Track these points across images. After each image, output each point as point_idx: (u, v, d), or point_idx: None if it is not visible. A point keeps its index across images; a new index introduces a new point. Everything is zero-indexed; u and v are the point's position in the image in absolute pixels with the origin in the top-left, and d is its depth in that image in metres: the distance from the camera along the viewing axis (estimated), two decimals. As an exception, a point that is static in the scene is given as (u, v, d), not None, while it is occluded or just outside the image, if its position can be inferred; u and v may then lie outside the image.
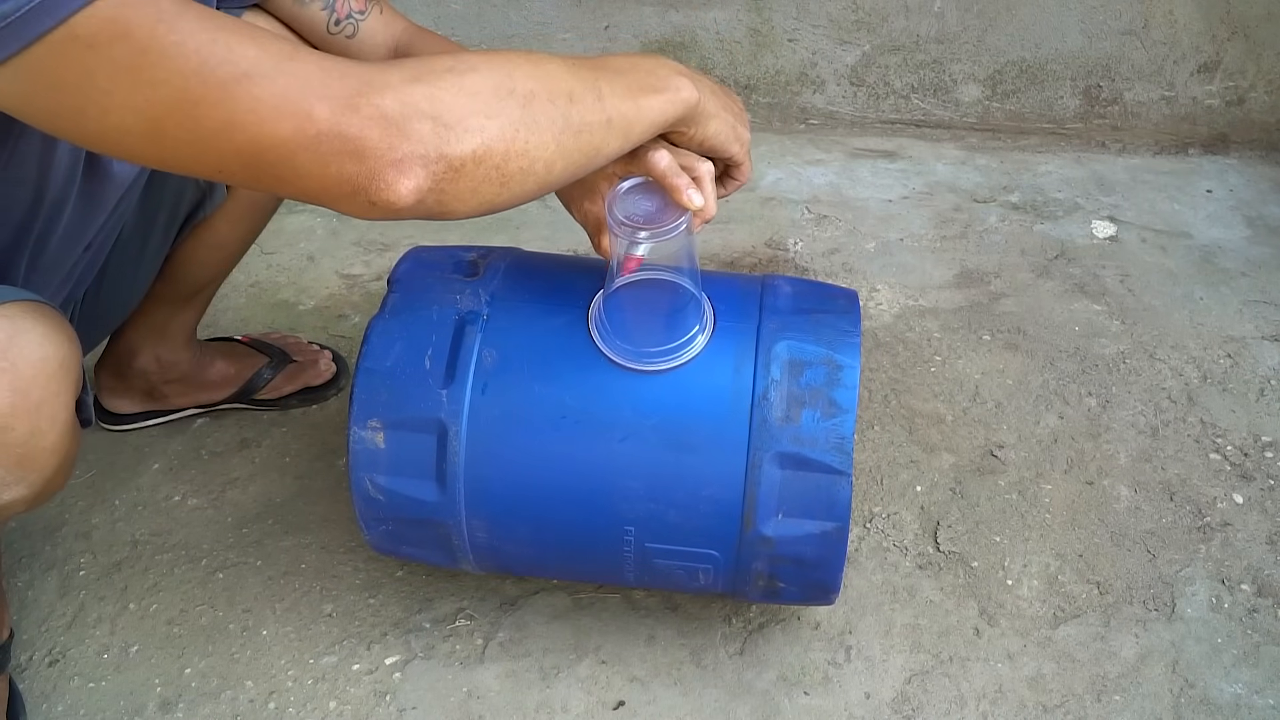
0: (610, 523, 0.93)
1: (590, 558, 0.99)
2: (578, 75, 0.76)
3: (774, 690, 1.06)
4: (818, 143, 2.02)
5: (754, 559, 0.93)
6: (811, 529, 0.90)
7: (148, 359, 1.30)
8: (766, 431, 0.89)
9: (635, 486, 0.91)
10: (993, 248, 1.72)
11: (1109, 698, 1.05)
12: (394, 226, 1.76)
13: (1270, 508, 1.25)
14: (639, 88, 0.80)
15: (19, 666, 1.08)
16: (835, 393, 0.90)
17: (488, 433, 0.91)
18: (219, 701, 1.05)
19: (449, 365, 0.91)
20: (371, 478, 0.93)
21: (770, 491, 0.89)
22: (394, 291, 0.97)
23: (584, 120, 0.75)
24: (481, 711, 1.04)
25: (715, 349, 0.92)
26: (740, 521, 0.90)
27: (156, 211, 1.11)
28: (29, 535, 1.22)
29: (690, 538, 0.93)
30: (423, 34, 1.07)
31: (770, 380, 0.90)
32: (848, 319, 0.96)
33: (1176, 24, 1.91)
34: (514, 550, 0.99)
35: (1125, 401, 1.40)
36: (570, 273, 1.00)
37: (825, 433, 0.89)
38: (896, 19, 1.94)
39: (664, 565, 0.96)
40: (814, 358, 0.91)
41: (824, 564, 0.93)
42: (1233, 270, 1.66)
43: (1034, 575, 1.18)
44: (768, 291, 0.99)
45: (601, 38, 2.00)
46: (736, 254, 1.69)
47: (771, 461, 0.89)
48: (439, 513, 0.94)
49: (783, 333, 0.93)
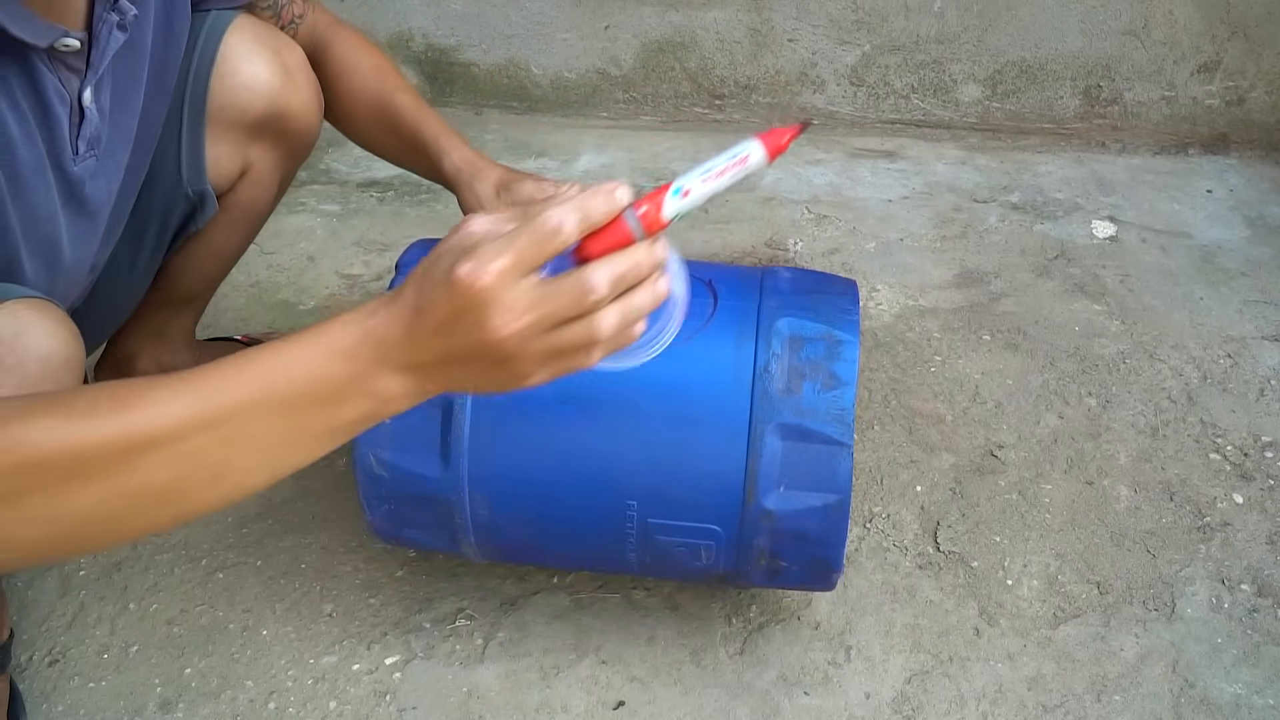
0: (613, 497, 0.94)
1: (593, 537, 0.98)
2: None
3: (774, 690, 1.06)
4: (818, 143, 2.02)
5: (756, 534, 0.93)
6: (813, 501, 0.91)
7: (147, 362, 1.29)
8: (768, 403, 0.90)
9: (638, 460, 0.92)
10: (993, 248, 1.72)
11: (1109, 698, 1.05)
12: (395, 225, 1.76)
13: (1270, 508, 1.25)
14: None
15: (19, 666, 1.08)
16: (835, 366, 0.91)
17: (492, 408, 0.92)
18: (219, 701, 1.05)
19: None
20: (376, 453, 0.94)
21: (772, 463, 0.90)
22: (401, 274, 0.98)
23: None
24: (481, 711, 1.04)
25: (716, 326, 0.94)
26: (742, 494, 0.91)
27: (146, 224, 1.11)
28: (29, 535, 1.22)
29: (693, 512, 0.94)
30: (339, 31, 1.13)
31: (771, 354, 0.91)
32: (847, 299, 0.97)
33: (1176, 24, 1.90)
34: (516, 530, 0.99)
35: (1125, 401, 1.40)
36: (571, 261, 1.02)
37: (826, 404, 0.90)
38: (896, 19, 1.94)
39: (666, 543, 0.96)
40: (814, 334, 0.93)
41: (826, 539, 0.93)
42: (1233, 270, 1.66)
43: (1034, 575, 1.18)
44: (768, 276, 1.00)
45: (601, 38, 2.00)
46: (736, 254, 1.69)
47: (773, 433, 0.90)
48: (442, 488, 0.94)
49: (783, 310, 0.94)
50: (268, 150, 1.13)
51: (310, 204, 1.82)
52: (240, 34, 1.05)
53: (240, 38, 1.05)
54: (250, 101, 1.07)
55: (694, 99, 2.06)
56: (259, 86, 1.06)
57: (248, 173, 1.14)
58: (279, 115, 1.09)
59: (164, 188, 1.08)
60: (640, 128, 2.07)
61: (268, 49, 1.06)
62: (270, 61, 1.06)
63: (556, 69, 2.05)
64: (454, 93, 2.08)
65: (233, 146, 1.10)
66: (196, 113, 1.05)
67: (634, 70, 2.04)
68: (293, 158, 1.17)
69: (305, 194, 1.85)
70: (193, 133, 1.06)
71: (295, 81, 1.09)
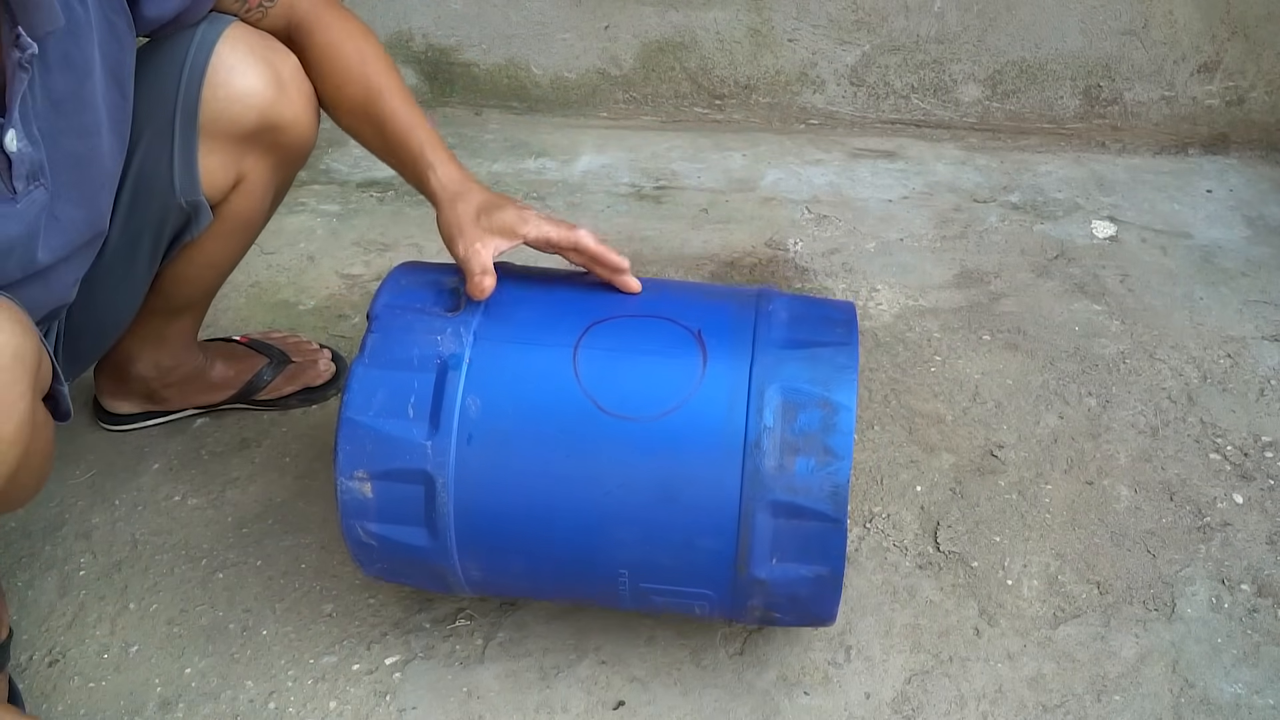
0: (604, 566, 0.93)
1: (587, 591, 0.99)
2: None
3: (774, 690, 1.06)
4: (818, 143, 2.02)
5: (749, 597, 0.93)
6: (805, 572, 0.90)
7: (146, 365, 1.29)
8: (759, 481, 0.87)
9: (627, 534, 0.90)
10: (993, 248, 1.72)
11: (1109, 698, 1.05)
12: (395, 225, 1.76)
13: (1270, 508, 1.25)
14: None
15: (19, 666, 1.08)
16: (830, 439, 0.87)
17: (475, 484, 0.90)
18: (219, 701, 1.05)
19: (432, 415, 0.89)
20: (362, 525, 0.93)
21: (763, 539, 0.88)
22: (373, 331, 0.94)
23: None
24: (481, 711, 1.04)
25: (705, 392, 0.89)
26: (734, 565, 0.90)
27: (140, 235, 1.10)
28: (29, 535, 1.22)
29: (684, 579, 0.93)
30: (322, 11, 1.08)
31: (763, 428, 0.87)
32: (845, 351, 0.91)
33: (1176, 24, 1.90)
34: (510, 583, 1.01)
35: (1125, 401, 1.40)
36: (555, 298, 0.98)
37: (820, 482, 0.87)
38: (896, 19, 1.94)
39: (660, 601, 0.97)
40: (808, 398, 0.88)
41: (819, 600, 0.93)
42: (1233, 270, 1.66)
43: (1034, 575, 1.18)
44: (761, 320, 0.94)
45: (602, 38, 2.00)
46: (736, 254, 1.69)
47: (764, 510, 0.87)
48: (432, 556, 0.94)
49: (777, 368, 0.89)
50: (261, 160, 1.12)
51: (310, 204, 1.82)
52: (232, 45, 1.03)
53: (232, 48, 1.03)
54: (242, 113, 1.06)
55: (694, 99, 2.06)
56: (251, 99, 1.05)
57: (242, 183, 1.12)
58: (272, 127, 1.08)
59: (157, 198, 1.07)
60: (640, 128, 2.07)
61: (260, 60, 1.05)
62: (263, 73, 1.05)
63: (556, 69, 2.05)
64: (454, 93, 2.08)
65: (226, 157, 1.09)
66: (189, 124, 1.04)
67: (634, 70, 2.04)
68: (287, 167, 1.16)
69: (305, 194, 1.85)
70: (185, 144, 1.05)
71: (288, 93, 1.07)
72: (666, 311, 0.94)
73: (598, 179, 1.90)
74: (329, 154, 1.94)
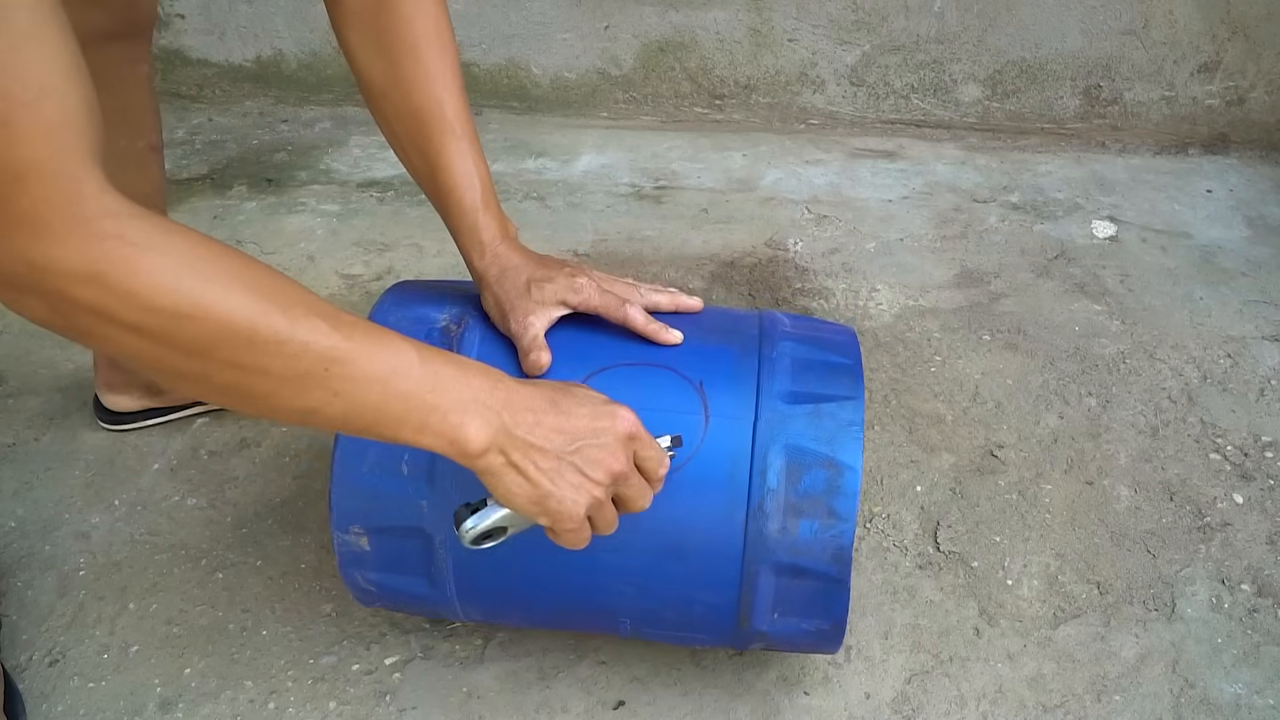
0: (605, 615, 0.93)
1: (590, 630, 1.03)
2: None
3: (774, 690, 1.06)
4: (818, 143, 2.02)
5: (751, 641, 0.94)
6: (807, 626, 0.90)
7: None
8: (762, 544, 0.85)
9: (627, 590, 0.90)
10: (993, 248, 1.72)
11: (1109, 698, 1.05)
12: (395, 225, 1.76)
13: (1270, 508, 1.25)
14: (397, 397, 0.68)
15: (19, 666, 1.08)
16: (835, 501, 0.85)
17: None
18: (219, 701, 1.05)
19: (428, 472, 0.87)
20: (362, 574, 0.92)
21: (765, 597, 0.88)
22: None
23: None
24: (481, 711, 1.04)
25: (708, 453, 0.87)
26: (735, 617, 0.90)
27: None
28: (28, 535, 1.22)
29: (685, 628, 0.93)
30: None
31: (767, 490, 0.85)
32: (850, 406, 0.88)
33: (1176, 24, 1.91)
34: (513, 623, 1.03)
35: (1125, 401, 1.40)
36: (552, 344, 0.91)
37: (824, 544, 0.85)
38: (896, 19, 1.94)
39: (662, 638, 0.99)
40: (813, 458, 0.86)
41: (821, 645, 0.94)
42: (1233, 270, 1.66)
43: (1034, 575, 1.18)
44: (765, 368, 0.90)
45: (601, 38, 2.00)
46: (737, 254, 1.69)
47: (767, 570, 0.86)
48: (433, 600, 0.94)
49: (781, 429, 0.87)
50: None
51: (310, 204, 1.82)
52: None
53: None
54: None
55: (694, 99, 2.06)
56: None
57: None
58: None
59: None
60: (640, 128, 2.07)
61: None
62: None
63: (556, 69, 2.05)
64: (454, 93, 2.08)
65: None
66: None
67: (634, 70, 2.04)
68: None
69: (305, 194, 1.85)
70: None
71: None
72: (667, 359, 0.91)
73: (598, 179, 1.90)
74: (329, 154, 1.94)
